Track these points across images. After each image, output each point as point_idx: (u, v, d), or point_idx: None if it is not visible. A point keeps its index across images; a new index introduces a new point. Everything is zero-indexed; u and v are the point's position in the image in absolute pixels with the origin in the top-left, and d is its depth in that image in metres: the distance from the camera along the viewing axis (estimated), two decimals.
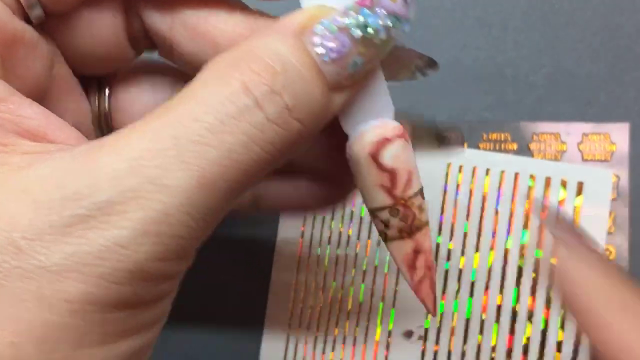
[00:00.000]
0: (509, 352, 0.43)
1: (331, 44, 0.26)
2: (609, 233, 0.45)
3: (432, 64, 0.34)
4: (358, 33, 0.27)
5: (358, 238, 0.45)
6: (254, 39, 0.26)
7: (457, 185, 0.44)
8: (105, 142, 0.25)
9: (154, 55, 0.33)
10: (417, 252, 0.32)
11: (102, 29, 0.31)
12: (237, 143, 0.24)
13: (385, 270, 0.45)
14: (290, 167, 0.33)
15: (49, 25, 0.30)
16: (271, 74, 0.25)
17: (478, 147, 0.46)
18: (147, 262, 0.24)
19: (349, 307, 0.45)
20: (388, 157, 0.30)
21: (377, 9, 0.27)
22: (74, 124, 0.28)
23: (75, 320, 0.23)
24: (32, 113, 0.26)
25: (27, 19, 0.29)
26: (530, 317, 0.43)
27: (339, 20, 0.27)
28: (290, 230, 0.46)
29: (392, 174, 0.30)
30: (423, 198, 0.31)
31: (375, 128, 0.30)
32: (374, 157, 0.30)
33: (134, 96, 0.34)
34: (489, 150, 0.46)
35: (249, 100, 0.25)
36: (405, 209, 0.31)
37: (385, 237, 0.32)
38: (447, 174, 0.44)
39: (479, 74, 0.47)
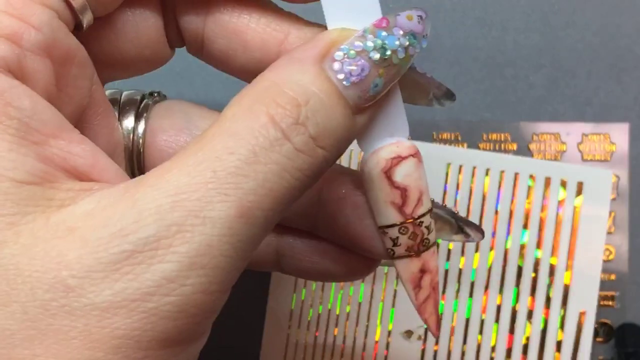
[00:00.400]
0: (509, 352, 0.43)
1: (351, 69, 0.27)
2: (609, 233, 0.45)
3: (449, 95, 0.34)
4: (377, 56, 0.27)
5: None
6: (277, 70, 0.27)
7: (457, 185, 0.44)
8: (146, 180, 0.25)
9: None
10: (423, 271, 0.32)
11: (147, 29, 0.32)
12: (270, 172, 0.25)
13: (385, 271, 0.45)
14: (317, 234, 0.34)
15: (92, 33, 0.30)
16: (295, 106, 0.26)
17: (478, 147, 0.46)
18: (193, 296, 0.24)
19: (349, 307, 0.45)
20: (401, 175, 0.30)
21: (394, 29, 0.28)
22: (106, 149, 0.29)
23: (118, 356, 0.24)
24: (80, 151, 0.27)
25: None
26: (529, 316, 0.43)
27: (357, 44, 0.27)
28: None
29: (403, 191, 0.30)
30: (432, 219, 0.32)
31: (390, 146, 0.30)
32: (387, 174, 0.30)
33: (169, 136, 0.34)
34: (489, 150, 0.46)
35: (277, 132, 0.25)
36: (415, 227, 0.31)
37: (393, 255, 0.32)
38: (447, 174, 0.44)
39: (479, 74, 0.47)
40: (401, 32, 0.28)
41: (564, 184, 0.43)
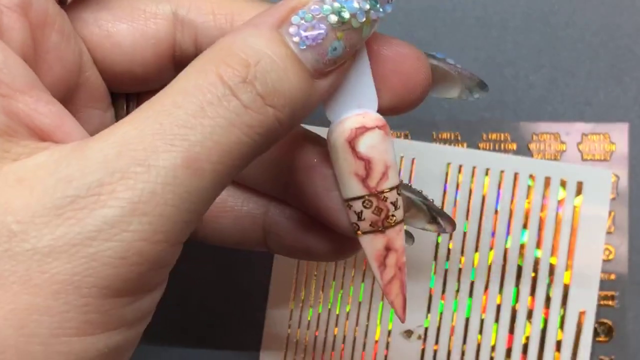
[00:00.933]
0: (509, 352, 0.43)
1: (307, 33, 0.27)
2: (609, 233, 0.45)
3: (482, 85, 0.34)
4: (334, 19, 0.28)
5: None
6: (233, 34, 0.28)
7: (457, 185, 0.44)
8: (98, 135, 0.25)
9: None
10: (388, 249, 0.32)
11: (144, 50, 0.32)
12: (217, 125, 0.25)
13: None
14: (305, 212, 0.34)
15: (90, 37, 0.31)
16: (244, 66, 0.26)
17: (477, 147, 0.46)
18: (135, 243, 0.24)
19: (349, 306, 0.45)
20: (365, 145, 0.30)
21: None
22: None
23: (58, 303, 0.24)
24: (47, 111, 0.27)
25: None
26: (529, 316, 0.43)
27: (314, 8, 0.28)
28: None
29: (367, 163, 0.30)
30: (399, 195, 0.31)
31: (356, 116, 0.30)
32: (351, 144, 0.30)
33: None
34: (489, 150, 0.46)
35: (225, 89, 0.26)
36: (379, 201, 0.31)
37: (357, 229, 0.32)
38: (446, 174, 0.44)
39: (478, 73, 0.47)
40: None
41: (563, 184, 0.43)
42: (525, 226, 0.43)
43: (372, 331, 0.45)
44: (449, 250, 0.44)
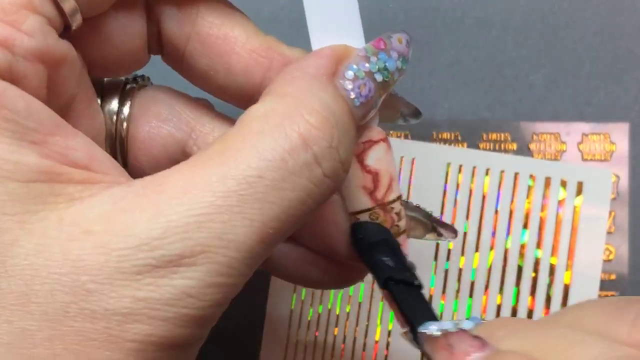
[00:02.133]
0: None
1: (362, 90, 0.28)
2: (609, 233, 0.45)
3: (416, 114, 0.35)
4: (380, 78, 0.28)
5: None
6: (296, 84, 0.27)
7: (457, 185, 0.44)
8: (164, 187, 0.25)
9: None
10: None
11: (131, 35, 0.32)
12: (295, 199, 0.25)
13: None
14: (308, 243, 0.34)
15: (78, 33, 0.30)
16: (329, 127, 0.26)
17: (478, 147, 0.46)
18: (209, 309, 0.25)
19: (349, 307, 0.45)
20: (373, 159, 0.31)
21: (391, 51, 0.29)
22: (88, 135, 0.29)
23: (136, 359, 0.24)
24: (76, 144, 0.27)
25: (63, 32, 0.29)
26: (529, 316, 0.43)
27: (364, 65, 0.28)
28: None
29: (375, 176, 0.31)
30: (402, 205, 0.32)
31: (362, 130, 0.30)
32: (360, 157, 0.31)
33: (153, 126, 0.34)
34: (489, 150, 0.46)
35: (309, 156, 0.25)
36: (385, 213, 0.32)
37: None
38: (446, 174, 0.44)
39: (478, 73, 0.47)
40: (396, 55, 0.29)
41: (564, 184, 0.43)
42: (525, 226, 0.43)
43: (372, 331, 0.44)
44: (449, 250, 0.44)
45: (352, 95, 0.27)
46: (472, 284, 0.44)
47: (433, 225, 0.36)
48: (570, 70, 0.47)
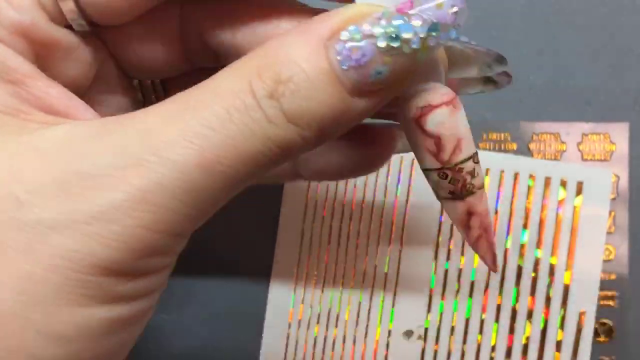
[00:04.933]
0: (509, 352, 0.43)
1: (351, 52, 0.26)
2: (609, 233, 0.45)
3: (500, 59, 0.33)
4: (383, 43, 0.26)
5: (358, 237, 0.45)
6: (281, 38, 0.27)
7: None
8: (122, 116, 0.26)
9: None
10: (470, 213, 0.31)
11: (155, 47, 0.32)
12: (238, 131, 0.26)
13: (385, 270, 0.45)
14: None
15: (102, 33, 0.31)
16: (274, 81, 0.26)
17: (478, 147, 0.46)
18: (137, 229, 0.25)
19: (349, 306, 0.45)
20: (432, 123, 0.29)
21: (414, 16, 0.26)
22: None
23: (56, 275, 0.24)
24: (56, 93, 0.28)
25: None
26: (529, 316, 0.43)
27: (366, 28, 0.27)
28: (290, 226, 0.46)
29: (437, 139, 0.29)
30: (476, 162, 0.31)
31: (422, 93, 0.29)
32: (418, 122, 0.29)
33: None
34: (489, 150, 0.46)
35: (252, 100, 0.26)
36: (454, 173, 0.30)
37: (438, 196, 0.31)
38: None
39: None
40: (420, 22, 0.26)
41: (563, 184, 0.43)
42: (525, 226, 0.43)
43: (372, 331, 0.45)
44: (449, 250, 0.44)
45: (339, 57, 0.26)
46: (472, 283, 0.44)
47: (487, 63, 0.35)
48: (570, 70, 0.47)
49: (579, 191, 0.43)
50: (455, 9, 0.27)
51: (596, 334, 0.45)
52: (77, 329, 0.26)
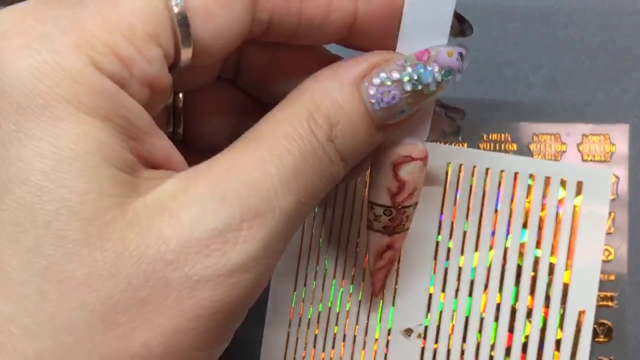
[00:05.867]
0: (508, 351, 0.43)
1: (384, 96, 0.31)
2: (609, 233, 0.45)
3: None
4: (409, 88, 0.31)
5: (358, 236, 0.45)
6: (319, 83, 0.31)
7: (457, 185, 0.44)
8: (215, 168, 0.29)
9: None
10: (389, 247, 0.37)
11: (209, 70, 0.35)
12: (315, 174, 0.30)
13: None
14: None
15: None
16: (328, 125, 0.30)
17: (478, 147, 0.46)
18: (264, 275, 0.29)
19: (349, 304, 0.45)
20: (406, 172, 0.34)
21: (432, 64, 0.31)
22: None
23: (198, 324, 0.27)
24: (162, 147, 0.30)
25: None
26: (529, 315, 0.43)
27: (394, 74, 0.31)
28: None
29: (402, 184, 0.35)
30: (413, 210, 0.36)
31: (407, 145, 0.34)
32: (395, 167, 0.34)
33: (211, 121, 0.38)
34: (489, 150, 0.46)
35: (317, 143, 0.29)
36: (398, 213, 0.36)
37: (370, 226, 0.37)
38: (446, 173, 0.44)
39: (478, 74, 0.48)
40: (437, 68, 0.31)
41: (563, 184, 0.43)
42: (525, 225, 0.43)
43: (372, 329, 0.45)
44: (448, 249, 0.44)
45: (373, 100, 0.31)
46: (472, 283, 0.44)
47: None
48: (570, 71, 0.47)
49: (578, 191, 0.43)
50: (462, 55, 0.33)
51: (595, 334, 0.45)
52: None
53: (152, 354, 0.26)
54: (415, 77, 0.31)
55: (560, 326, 0.43)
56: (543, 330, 0.43)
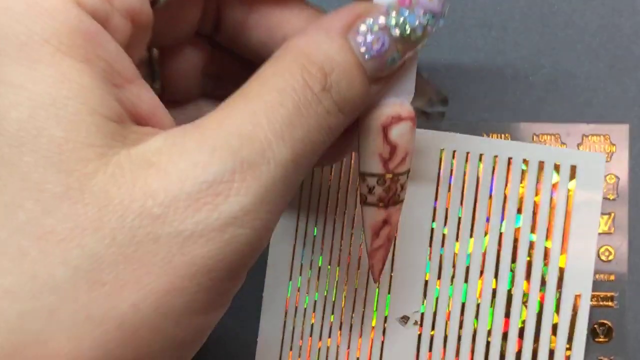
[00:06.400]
0: (505, 336, 0.43)
1: (373, 43, 0.30)
2: (609, 234, 0.45)
3: (444, 101, 0.38)
4: (397, 32, 0.30)
5: (353, 224, 0.45)
6: (307, 38, 0.30)
7: (451, 171, 0.44)
8: (206, 124, 0.28)
9: None
10: (385, 222, 0.36)
11: (187, 21, 0.35)
12: (311, 126, 0.28)
13: None
14: None
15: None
16: (322, 74, 0.29)
17: None
18: (261, 231, 0.27)
19: (345, 293, 0.45)
20: (396, 133, 0.33)
21: (415, 8, 0.31)
22: None
23: (192, 284, 0.26)
24: (147, 98, 0.29)
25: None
26: (525, 300, 0.43)
27: (380, 20, 0.30)
28: (286, 215, 0.46)
29: (393, 148, 0.34)
30: (407, 179, 0.35)
31: (394, 105, 0.33)
32: (385, 129, 0.33)
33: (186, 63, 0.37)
34: None
35: (312, 94, 0.29)
36: (392, 182, 0.34)
37: (364, 200, 0.35)
38: (440, 159, 0.44)
39: (478, 74, 0.48)
40: (422, 12, 0.31)
41: (557, 168, 0.43)
42: (519, 211, 0.44)
43: (368, 318, 0.45)
44: (443, 235, 0.44)
45: (362, 49, 0.30)
46: (467, 269, 0.44)
47: (429, 106, 0.42)
48: (570, 71, 0.47)
49: (572, 175, 0.43)
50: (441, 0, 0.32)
51: (595, 334, 0.45)
52: (195, 334, 0.28)
53: (143, 316, 0.25)
54: (401, 21, 0.30)
55: (557, 310, 0.43)
56: (539, 315, 0.43)
